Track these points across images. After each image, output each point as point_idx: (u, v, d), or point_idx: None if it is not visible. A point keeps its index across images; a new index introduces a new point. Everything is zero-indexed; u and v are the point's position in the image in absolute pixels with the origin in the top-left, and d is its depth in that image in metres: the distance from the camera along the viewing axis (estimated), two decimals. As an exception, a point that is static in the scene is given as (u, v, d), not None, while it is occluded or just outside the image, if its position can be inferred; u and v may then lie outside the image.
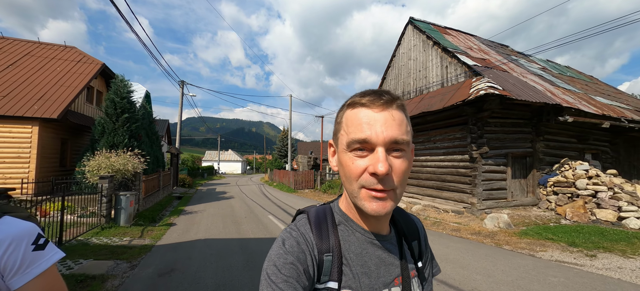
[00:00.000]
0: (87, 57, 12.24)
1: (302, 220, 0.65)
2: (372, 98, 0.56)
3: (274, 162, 46.50)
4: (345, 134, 0.57)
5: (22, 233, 0.71)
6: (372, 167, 0.52)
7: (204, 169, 41.64)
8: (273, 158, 51.93)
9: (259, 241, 6.05)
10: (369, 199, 0.54)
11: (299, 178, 19.89)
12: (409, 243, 0.70)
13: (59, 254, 0.76)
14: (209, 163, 58.78)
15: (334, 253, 0.60)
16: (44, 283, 0.71)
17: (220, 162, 62.37)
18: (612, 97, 11.99)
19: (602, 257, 4.74)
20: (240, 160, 69.78)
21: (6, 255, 0.67)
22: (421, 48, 10.44)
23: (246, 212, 9.87)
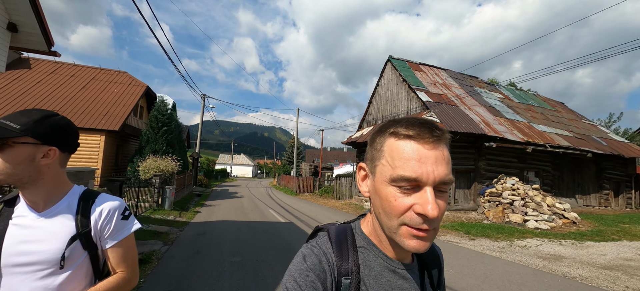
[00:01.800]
0: (135, 80, 15.60)
1: (324, 238, 0.64)
2: (421, 131, 0.52)
3: (282, 168, 49.56)
4: (388, 167, 0.53)
5: (115, 206, 0.96)
6: (421, 208, 0.50)
7: (218, 172, 45.16)
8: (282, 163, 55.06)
9: (259, 222, 8.79)
10: (410, 237, 0.52)
11: (301, 183, 22.64)
12: (429, 271, 0.69)
13: (138, 224, 1.02)
14: (222, 166, 62.57)
15: (353, 276, 0.58)
16: (126, 245, 0.96)
17: (233, 165, 66.09)
18: (561, 125, 14.11)
19: (479, 240, 7.17)
20: (252, 164, 73.36)
21: (104, 221, 0.92)
22: (395, 82, 13.08)
23: (252, 207, 12.67)
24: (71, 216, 0.89)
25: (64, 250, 0.85)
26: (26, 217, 0.87)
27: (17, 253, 0.83)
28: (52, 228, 0.87)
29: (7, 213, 0.87)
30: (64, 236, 0.87)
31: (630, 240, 7.63)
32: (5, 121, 0.81)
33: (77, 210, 0.90)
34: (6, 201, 0.89)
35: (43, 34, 5.36)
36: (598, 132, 15.07)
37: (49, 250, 0.84)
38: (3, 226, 0.85)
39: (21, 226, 0.86)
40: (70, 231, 0.88)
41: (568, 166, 13.13)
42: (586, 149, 11.91)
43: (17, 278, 0.83)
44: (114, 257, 0.94)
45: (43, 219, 0.87)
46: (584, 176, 13.63)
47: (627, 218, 11.07)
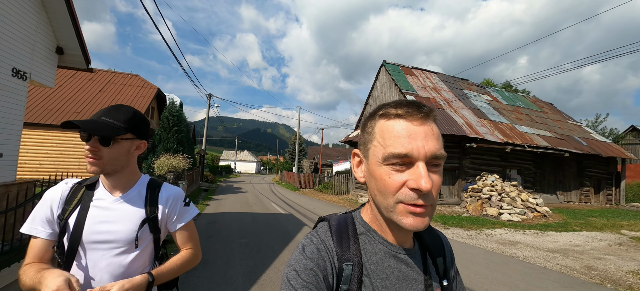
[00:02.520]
0: (147, 83, 16.73)
1: (323, 227, 0.65)
2: (409, 109, 0.54)
3: (285, 164, 50.75)
4: (380, 147, 0.54)
5: (178, 194, 1.09)
6: (414, 182, 0.50)
7: (223, 168, 46.48)
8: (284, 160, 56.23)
9: (262, 213, 9.91)
10: (406, 215, 0.52)
11: (302, 179, 23.77)
12: (434, 258, 0.68)
13: (196, 210, 1.15)
14: (226, 162, 63.96)
15: (354, 262, 0.58)
16: (190, 227, 1.11)
17: (237, 162, 67.48)
18: (544, 126, 15.00)
19: (453, 229, 8.21)
20: (255, 161, 74.71)
21: (170, 207, 1.06)
22: (388, 86, 14.06)
23: (256, 201, 13.82)
24: (142, 202, 1.01)
25: (136, 231, 0.96)
26: (105, 200, 0.97)
27: (97, 231, 0.93)
28: (127, 211, 0.97)
29: (89, 196, 0.97)
30: (137, 219, 0.97)
31: (589, 231, 8.62)
32: (112, 120, 0.92)
33: (146, 197, 1.02)
34: (87, 185, 0.99)
35: (83, 55, 6.47)
36: (581, 133, 15.93)
37: (124, 230, 0.95)
38: (85, 207, 0.95)
39: (101, 208, 0.96)
40: (141, 215, 0.99)
41: (550, 164, 14.06)
42: (564, 149, 12.83)
43: (97, 254, 0.93)
44: (181, 238, 1.08)
45: (119, 203, 0.98)
46: (566, 173, 14.55)
47: (598, 213, 12.02)
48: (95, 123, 0.89)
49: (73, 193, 0.97)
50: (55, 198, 0.95)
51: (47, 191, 0.97)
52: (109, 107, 0.95)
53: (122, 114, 0.94)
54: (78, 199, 0.96)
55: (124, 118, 0.94)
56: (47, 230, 0.93)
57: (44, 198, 0.95)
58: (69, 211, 0.94)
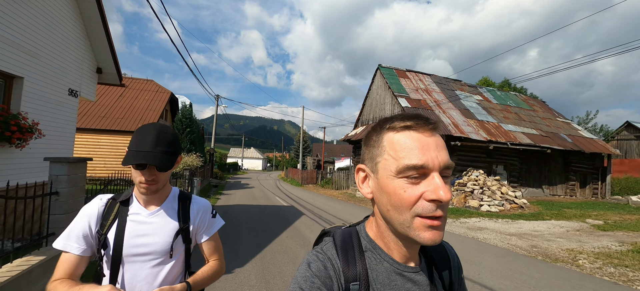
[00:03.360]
0: (161, 88, 18.17)
1: (328, 244, 0.63)
2: (418, 121, 0.54)
3: (290, 161, 52.12)
4: (392, 160, 0.53)
5: (207, 206, 1.17)
6: (433, 193, 0.49)
7: (230, 165, 48.18)
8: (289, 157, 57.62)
9: (267, 206, 11.20)
10: (424, 229, 0.51)
11: (305, 175, 25.06)
12: (440, 272, 0.67)
13: (222, 222, 1.21)
14: (234, 159, 65.78)
15: (361, 281, 0.57)
16: (215, 239, 1.18)
17: (244, 159, 69.27)
18: (531, 123, 15.86)
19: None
20: (262, 158, 76.42)
21: (201, 219, 1.13)
22: (383, 88, 15.13)
23: (262, 195, 15.14)
24: (175, 214, 1.08)
25: (171, 242, 1.03)
26: (140, 214, 1.03)
27: (136, 244, 1.00)
28: (163, 224, 1.04)
29: (125, 211, 1.02)
30: (171, 231, 1.04)
31: (557, 220, 9.64)
32: (167, 149, 0.98)
33: (178, 209, 1.09)
34: (121, 201, 1.04)
35: (117, 73, 7.81)
36: (569, 130, 16.72)
37: (161, 242, 1.02)
38: (122, 222, 1.00)
39: (137, 222, 1.02)
40: (175, 226, 1.05)
41: (535, 160, 14.97)
42: (547, 145, 13.72)
43: (136, 266, 1.00)
44: (208, 248, 1.16)
45: (154, 216, 1.04)
46: (551, 168, 15.43)
47: (577, 205, 12.94)
48: (158, 157, 0.95)
49: (109, 209, 1.02)
50: (92, 214, 1.00)
51: (83, 208, 1.02)
52: (156, 134, 0.97)
53: (169, 139, 0.99)
54: (114, 214, 1.01)
55: (171, 142, 1.00)
56: (82, 247, 0.97)
57: (80, 214, 1.00)
58: (107, 226, 0.99)
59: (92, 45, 7.10)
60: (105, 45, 7.14)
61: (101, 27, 6.84)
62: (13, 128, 4.45)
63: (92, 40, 7.03)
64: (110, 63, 7.51)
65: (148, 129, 0.98)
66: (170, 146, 0.99)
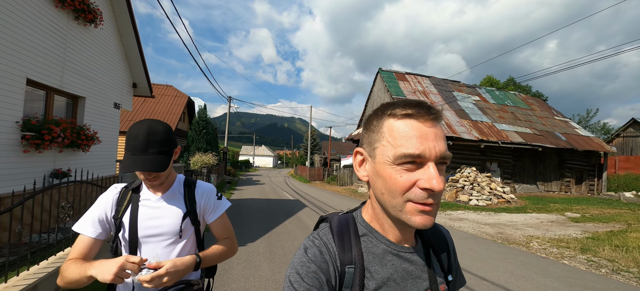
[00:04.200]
0: (179, 92, 19.84)
1: (325, 229, 0.65)
2: (419, 110, 0.54)
3: (300, 158, 53.61)
4: (390, 147, 0.54)
5: (211, 188, 1.27)
6: (427, 182, 0.51)
7: (242, 163, 50.14)
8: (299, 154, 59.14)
9: (275, 199, 12.56)
10: (415, 213, 0.53)
11: (313, 172, 26.38)
12: (438, 255, 0.69)
13: (228, 203, 1.31)
14: (245, 157, 67.94)
15: (356, 265, 0.59)
16: (223, 219, 1.28)
17: (255, 156, 71.37)
18: (526, 123, 16.50)
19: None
20: (272, 155, 78.37)
21: (206, 201, 1.23)
22: (383, 91, 16.17)
23: (271, 190, 16.55)
24: (181, 198, 1.18)
25: (180, 224, 1.13)
26: (150, 200, 1.14)
27: (148, 226, 1.11)
28: (171, 207, 1.14)
29: (136, 198, 1.13)
30: (179, 214, 1.14)
31: (539, 213, 10.52)
32: (159, 149, 1.04)
33: (184, 194, 1.19)
34: (133, 188, 1.15)
35: (148, 87, 9.27)
36: (565, 128, 17.23)
37: (170, 223, 1.12)
38: (135, 207, 1.11)
39: (148, 207, 1.13)
40: (182, 209, 1.16)
41: (530, 157, 15.67)
42: (539, 144, 14.42)
43: (150, 246, 1.11)
44: (217, 228, 1.27)
45: (163, 201, 1.15)
46: (546, 165, 16.07)
47: (566, 200, 13.65)
48: (153, 162, 1.02)
49: (122, 196, 1.14)
50: (108, 201, 1.12)
51: (100, 196, 1.14)
52: (145, 136, 1.01)
53: (160, 137, 1.04)
54: (128, 200, 1.13)
55: (163, 139, 1.05)
56: (97, 230, 1.08)
57: (98, 201, 1.12)
58: (121, 211, 1.11)
59: (129, 65, 8.58)
60: (139, 65, 8.61)
61: (137, 51, 8.30)
62: (82, 137, 5.92)
63: (129, 61, 8.50)
64: (143, 79, 8.99)
65: (139, 130, 1.02)
66: (163, 145, 1.05)
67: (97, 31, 6.68)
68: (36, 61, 5.01)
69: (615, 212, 10.78)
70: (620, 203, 13.38)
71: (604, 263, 5.10)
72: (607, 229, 8.01)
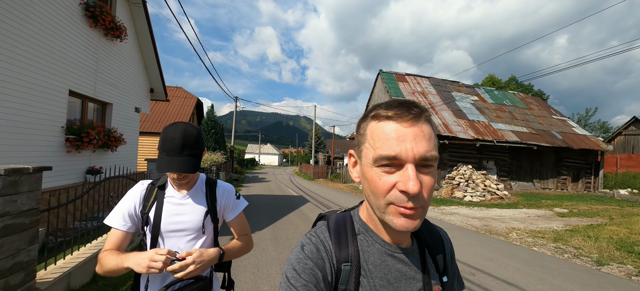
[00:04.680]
0: (188, 94, 20.79)
1: (322, 227, 0.67)
2: (399, 111, 0.54)
3: (305, 157, 54.45)
4: (370, 149, 0.55)
5: (231, 189, 1.36)
6: (403, 185, 0.50)
7: (248, 161, 51.24)
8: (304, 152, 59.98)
9: (280, 195, 13.37)
10: (397, 216, 0.53)
11: (317, 170, 27.16)
12: (433, 256, 0.69)
13: (246, 203, 1.39)
14: (251, 155, 69.12)
15: (352, 262, 0.59)
16: (241, 218, 1.36)
17: (261, 155, 72.49)
18: (523, 122, 16.94)
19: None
20: (278, 153, 79.43)
21: (226, 200, 1.31)
22: (383, 92, 16.81)
23: (276, 187, 17.39)
24: (203, 197, 1.25)
25: (202, 220, 1.20)
26: (175, 197, 1.21)
27: (172, 222, 1.17)
28: (194, 205, 1.22)
29: (162, 195, 1.20)
30: (201, 211, 1.22)
31: (528, 209, 11.09)
32: (192, 151, 1.13)
33: (206, 192, 1.27)
34: (159, 185, 1.22)
35: (164, 92, 10.14)
36: (562, 127, 17.60)
37: (193, 220, 1.20)
38: (160, 203, 1.18)
39: (173, 203, 1.20)
40: (204, 207, 1.23)
41: (527, 155, 16.15)
42: (534, 143, 14.90)
43: (173, 240, 1.18)
44: (236, 226, 1.35)
45: (187, 198, 1.22)
46: (543, 163, 16.52)
47: (559, 197, 14.14)
48: (187, 164, 1.10)
49: (149, 192, 1.20)
50: (136, 196, 1.19)
51: (128, 191, 1.21)
52: (182, 139, 1.10)
53: (194, 141, 1.13)
54: (154, 197, 1.19)
55: (196, 143, 1.14)
56: (127, 224, 1.15)
57: (126, 197, 1.19)
58: (148, 207, 1.17)
59: (147, 72, 9.45)
60: (156, 72, 9.47)
61: (154, 60, 9.16)
62: (112, 139, 6.79)
63: (147, 69, 9.37)
64: (160, 84, 9.86)
65: (175, 133, 1.10)
66: (195, 148, 1.14)
67: (122, 44, 7.54)
68: (75, 74, 5.87)
69: (603, 208, 11.29)
70: (611, 200, 13.82)
71: (569, 250, 5.75)
72: (588, 223, 8.58)
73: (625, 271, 4.63)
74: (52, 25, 5.21)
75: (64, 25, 5.51)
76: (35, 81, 4.88)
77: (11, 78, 4.43)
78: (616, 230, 7.32)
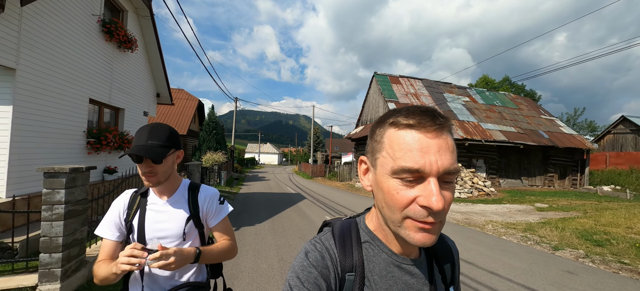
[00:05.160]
0: (190, 96, 21.49)
1: (327, 234, 0.65)
2: (422, 120, 0.50)
3: (304, 156, 55.18)
4: (388, 158, 0.52)
5: (214, 193, 1.32)
6: (425, 200, 0.48)
7: (248, 160, 51.97)
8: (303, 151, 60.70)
9: (279, 193, 14.09)
10: (415, 231, 0.50)
11: (315, 169, 27.90)
12: (441, 266, 0.67)
13: (230, 208, 1.36)
14: (251, 154, 69.82)
15: (356, 272, 0.58)
16: (225, 223, 1.33)
17: (260, 154, 73.21)
18: (512, 122, 17.65)
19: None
20: (277, 153, 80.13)
21: (208, 206, 1.28)
22: (378, 94, 17.53)
23: (276, 185, 18.11)
24: (185, 203, 1.24)
25: (184, 227, 1.20)
26: (157, 204, 1.21)
27: (155, 229, 1.18)
28: (175, 211, 1.21)
29: (144, 202, 1.21)
30: (183, 218, 1.21)
31: (512, 204, 11.83)
32: (157, 142, 1.11)
33: (188, 198, 1.25)
34: (141, 193, 1.23)
35: (169, 96, 10.84)
36: (550, 127, 18.32)
37: (175, 227, 1.19)
38: (143, 211, 1.20)
39: (155, 210, 1.20)
40: (186, 213, 1.22)
41: (515, 154, 16.87)
42: (521, 142, 15.63)
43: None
44: (218, 232, 1.33)
45: (168, 205, 1.22)
46: (531, 161, 17.26)
47: (543, 194, 14.87)
48: (149, 149, 1.08)
49: (132, 200, 1.22)
50: (120, 206, 1.21)
51: (114, 201, 1.23)
52: (149, 130, 1.13)
53: (163, 134, 1.13)
54: (137, 205, 1.21)
55: (165, 137, 1.14)
56: (115, 233, 1.18)
57: (112, 206, 1.21)
58: (131, 215, 1.19)
59: (154, 79, 10.15)
60: (162, 78, 10.17)
61: (161, 67, 9.86)
62: (125, 141, 7.50)
63: (154, 75, 10.07)
64: (165, 89, 10.56)
65: (144, 127, 1.14)
66: (164, 140, 1.13)
67: (132, 55, 8.23)
68: (94, 84, 6.58)
69: (582, 203, 12.02)
70: (593, 196, 14.56)
71: (534, 238, 6.49)
72: (563, 216, 9.31)
73: (575, 255, 5.36)
74: (75, 42, 5.91)
75: (85, 41, 6.21)
76: (62, 91, 5.59)
77: (43, 89, 5.13)
78: (584, 222, 8.06)
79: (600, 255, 5.35)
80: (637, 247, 5.70)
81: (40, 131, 5.08)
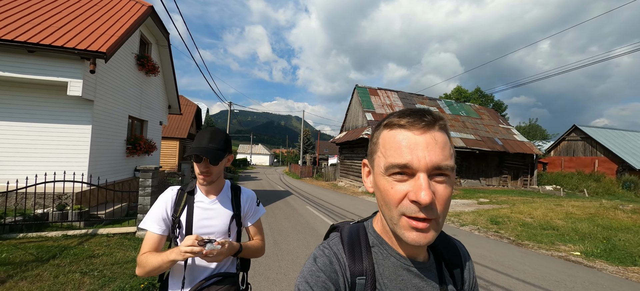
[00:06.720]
0: (189, 101, 23.45)
1: (335, 239, 0.65)
2: (411, 119, 0.53)
3: (294, 157, 57.36)
4: (382, 157, 0.55)
5: (253, 196, 1.47)
6: (414, 194, 0.50)
7: (240, 161, 53.76)
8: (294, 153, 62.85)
9: (270, 190, 16.31)
10: (409, 229, 0.51)
11: (304, 170, 30.21)
12: (451, 270, 0.68)
13: (264, 210, 1.54)
14: (243, 155, 71.41)
15: (367, 276, 0.58)
16: (259, 223, 1.50)
17: (252, 155, 74.90)
18: (472, 130, 20.44)
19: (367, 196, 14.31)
20: (269, 154, 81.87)
21: (248, 206, 1.43)
22: (358, 104, 20.00)
23: (268, 184, 20.30)
24: (229, 202, 1.36)
25: (228, 224, 1.32)
26: (204, 202, 1.31)
27: (202, 226, 1.28)
28: (221, 209, 1.33)
29: (191, 200, 1.30)
30: (228, 215, 1.33)
31: (462, 199, 14.42)
32: (216, 145, 1.24)
33: (231, 198, 1.38)
34: (188, 191, 1.32)
35: (179, 108, 13.00)
36: (505, 134, 21.21)
37: (221, 224, 1.31)
38: (191, 208, 1.28)
39: (202, 208, 1.30)
40: (230, 212, 1.34)
41: (474, 158, 19.62)
42: (477, 148, 18.36)
43: None
44: (253, 231, 1.47)
45: (214, 203, 1.32)
46: (489, 164, 20.06)
47: (493, 192, 17.62)
48: (209, 151, 1.21)
49: (179, 197, 1.30)
50: (168, 200, 1.28)
51: (160, 196, 1.31)
52: (210, 134, 1.27)
53: (221, 139, 1.26)
54: (184, 201, 1.29)
55: (223, 141, 1.27)
56: (161, 227, 1.25)
57: (158, 201, 1.28)
58: (179, 211, 1.26)
59: (167, 93, 12.28)
60: (174, 93, 12.32)
61: (173, 85, 12.02)
62: (150, 147, 9.65)
63: (167, 91, 12.21)
64: (176, 102, 12.70)
65: (205, 131, 1.29)
66: (221, 144, 1.26)
67: (154, 77, 10.38)
68: (131, 103, 8.72)
69: (519, 199, 14.75)
70: (533, 193, 17.39)
71: (454, 220, 8.98)
72: (494, 208, 11.91)
73: (472, 229, 7.86)
74: (122, 74, 8.07)
75: (127, 72, 8.37)
76: (115, 111, 7.73)
77: (106, 112, 7.28)
78: (503, 211, 10.64)
79: (489, 229, 7.87)
80: (520, 225, 8.26)
81: (104, 141, 7.23)
